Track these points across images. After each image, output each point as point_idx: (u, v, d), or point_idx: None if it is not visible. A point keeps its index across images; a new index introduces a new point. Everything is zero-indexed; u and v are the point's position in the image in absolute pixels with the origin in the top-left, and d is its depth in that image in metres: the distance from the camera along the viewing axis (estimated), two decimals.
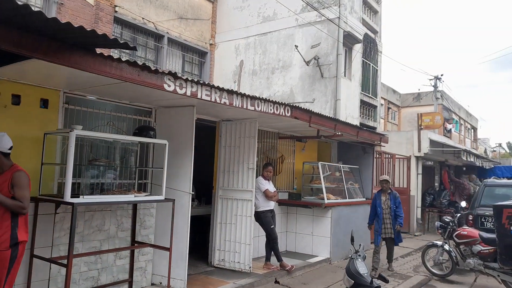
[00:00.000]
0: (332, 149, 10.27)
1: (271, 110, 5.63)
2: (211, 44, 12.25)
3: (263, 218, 6.61)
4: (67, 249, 3.83)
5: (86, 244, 4.68)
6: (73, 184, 4.13)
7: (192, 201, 7.57)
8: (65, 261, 3.86)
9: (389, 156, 11.52)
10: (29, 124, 4.10)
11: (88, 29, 2.76)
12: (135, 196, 4.53)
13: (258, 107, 5.34)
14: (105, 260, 4.91)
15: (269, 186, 6.75)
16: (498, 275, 6.40)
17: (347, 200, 8.59)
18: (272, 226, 6.63)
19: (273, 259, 6.70)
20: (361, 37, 11.22)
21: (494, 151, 49.11)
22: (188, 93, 4.27)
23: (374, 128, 12.15)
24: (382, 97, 23.09)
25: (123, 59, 3.52)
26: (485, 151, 38.75)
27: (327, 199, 7.95)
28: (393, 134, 13.43)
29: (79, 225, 4.57)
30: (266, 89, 11.47)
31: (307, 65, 10.59)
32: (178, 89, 4.12)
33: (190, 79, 4.31)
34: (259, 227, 6.79)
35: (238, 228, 6.39)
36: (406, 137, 12.49)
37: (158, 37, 10.70)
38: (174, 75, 4.08)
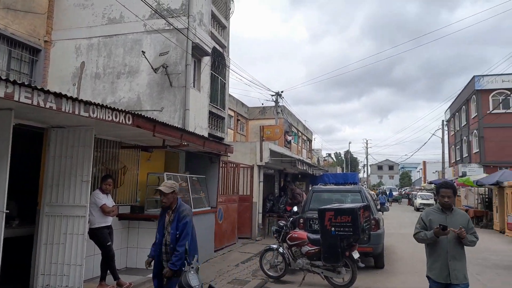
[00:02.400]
0: (180, 159, 10.20)
1: (109, 117, 5.24)
2: (46, 41, 10.92)
3: (99, 235, 6.10)
4: None
5: None
6: None
7: (12, 220, 6.57)
8: None
9: (234, 165, 12.06)
10: None
11: None
12: None
13: (93, 113, 4.90)
14: None
15: (107, 201, 6.30)
16: (322, 272, 7.23)
17: (192, 210, 8.59)
18: (108, 243, 6.16)
19: (110, 278, 6.21)
20: (209, 50, 11.53)
21: (325, 160, 56.51)
22: (2, 95, 3.66)
23: (222, 138, 12.59)
24: (232, 109, 24.22)
25: None
26: (318, 160, 44.17)
27: None
28: (239, 144, 14.17)
29: None
30: (111, 94, 10.78)
31: (155, 73, 10.34)
32: None
33: (4, 77, 3.69)
34: (93, 245, 6.22)
35: (67, 248, 5.71)
36: (250, 148, 13.31)
37: None
38: None
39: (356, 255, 7.04)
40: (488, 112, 27.85)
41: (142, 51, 10.28)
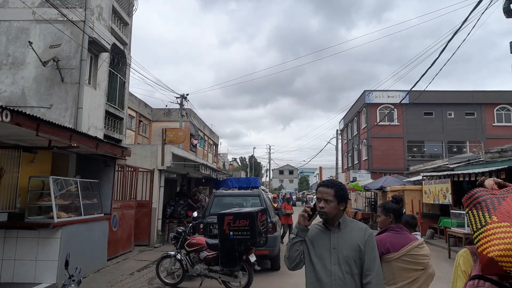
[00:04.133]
0: (70, 162, 9.38)
1: None
2: None
3: None
4: None
5: None
6: None
7: None
8: None
9: (132, 169, 11.48)
10: None
11: None
12: None
13: None
14: None
15: None
16: (220, 277, 7.23)
17: (82, 217, 7.97)
18: None
19: None
20: (108, 46, 10.87)
21: (231, 164, 57.24)
22: None
23: (120, 140, 11.93)
24: (134, 110, 23.16)
25: None
26: (224, 165, 44.54)
27: (58, 217, 7.14)
28: (139, 147, 13.56)
29: None
30: None
31: (44, 66, 9.40)
32: None
33: None
34: None
35: None
36: (151, 151, 12.81)
37: None
38: None
39: (253, 258, 7.18)
40: (375, 123, 30.93)
41: (29, 42, 9.28)
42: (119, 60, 11.95)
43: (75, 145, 7.04)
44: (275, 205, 13.92)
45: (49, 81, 9.57)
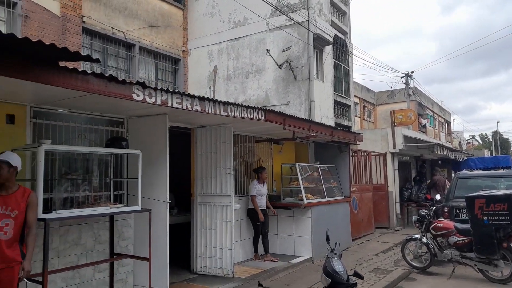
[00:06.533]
0: (309, 150, 10.38)
1: (244, 114, 5.66)
2: (183, 51, 12.22)
3: (252, 216, 7.48)
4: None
5: (62, 259, 4.58)
6: (46, 199, 4.08)
7: (172, 209, 7.60)
8: (40, 278, 3.78)
9: (365, 153, 11.72)
10: None
11: (47, 43, 2.73)
12: (110, 208, 4.48)
13: (231, 112, 5.36)
14: (83, 274, 4.82)
15: (263, 189, 7.60)
16: (475, 265, 6.60)
17: (326, 199, 8.70)
18: (258, 224, 7.41)
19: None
20: (331, 39, 11.42)
21: (468, 143, 50.60)
22: (158, 102, 4.27)
23: (349, 127, 12.35)
24: (357, 96, 23.54)
25: (89, 71, 3.49)
26: (460, 144, 39.82)
27: (306, 199, 8.03)
28: (368, 132, 13.68)
29: (54, 241, 4.48)
30: (242, 93, 11.52)
31: (280, 69, 10.69)
32: (147, 98, 4.11)
33: (159, 87, 4.30)
34: (239, 232, 7.15)
35: (218, 234, 6.39)
36: (381, 134, 12.73)
37: (129, 46, 10.60)
38: (142, 85, 4.07)
39: None
40: None
41: (267, 50, 10.73)
42: (341, 50, 12.39)
43: (314, 134, 7.75)
44: None
45: (284, 81, 10.83)
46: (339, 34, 12.11)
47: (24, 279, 3.49)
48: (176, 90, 4.62)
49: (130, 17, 10.53)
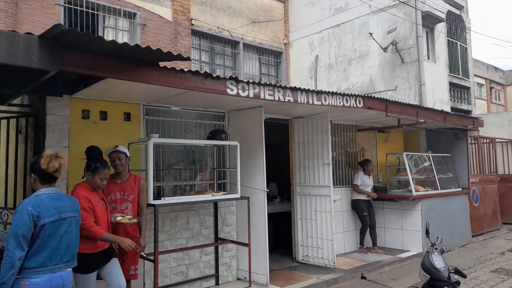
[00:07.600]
0: (420, 138, 9.64)
1: (340, 103, 5.52)
2: (285, 44, 12.35)
3: (356, 206, 7.46)
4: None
5: (173, 241, 5.10)
6: (157, 187, 4.59)
7: (274, 198, 7.84)
8: (153, 257, 4.27)
9: (488, 140, 10.40)
10: (115, 136, 4.62)
11: (143, 46, 3.05)
12: (212, 196, 4.82)
13: (325, 101, 5.28)
14: (192, 256, 5.28)
15: (368, 181, 7.49)
16: None
17: (439, 191, 7.99)
18: (364, 214, 7.33)
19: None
20: (443, 16, 10.36)
21: None
22: (251, 95, 4.43)
23: (469, 111, 11.10)
24: (481, 77, 20.96)
25: (186, 70, 3.80)
26: None
27: (416, 191, 7.50)
28: (492, 116, 12.10)
29: (166, 225, 5.01)
30: (344, 81, 11.20)
31: (385, 52, 10.10)
32: (240, 92, 4.30)
33: (251, 81, 4.46)
34: (342, 223, 7.20)
35: (319, 224, 6.38)
36: (509, 118, 11.15)
37: (234, 43, 11.12)
38: (235, 79, 4.27)
39: None
40: None
41: (370, 33, 10.23)
42: (457, 26, 11.15)
43: (422, 120, 7.16)
44: None
45: (391, 64, 10.19)
46: (453, 9, 10.92)
47: (142, 253, 4.03)
48: (274, 83, 4.74)
49: (233, 15, 11.03)
